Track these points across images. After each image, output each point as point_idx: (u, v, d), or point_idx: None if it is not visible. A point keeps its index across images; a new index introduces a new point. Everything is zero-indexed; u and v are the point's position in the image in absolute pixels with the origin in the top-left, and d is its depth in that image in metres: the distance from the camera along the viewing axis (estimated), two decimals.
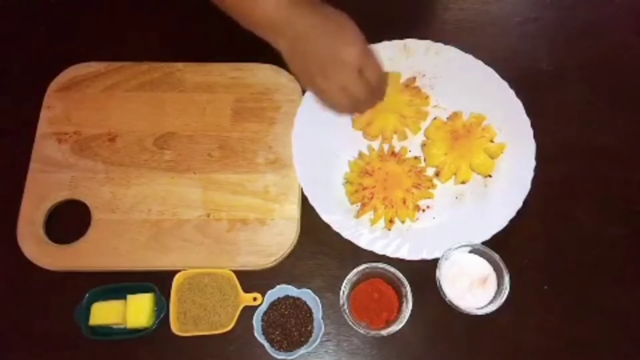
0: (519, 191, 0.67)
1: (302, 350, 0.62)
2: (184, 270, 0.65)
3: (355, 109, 0.64)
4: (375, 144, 0.71)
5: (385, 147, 0.71)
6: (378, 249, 0.65)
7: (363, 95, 0.59)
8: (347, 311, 0.61)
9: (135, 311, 0.62)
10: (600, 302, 0.66)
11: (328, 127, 0.71)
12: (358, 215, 0.67)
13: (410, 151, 0.71)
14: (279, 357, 0.61)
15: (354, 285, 0.64)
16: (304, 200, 0.68)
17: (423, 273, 0.64)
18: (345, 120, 0.72)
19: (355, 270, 0.62)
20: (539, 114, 0.71)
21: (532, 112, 0.71)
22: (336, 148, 0.71)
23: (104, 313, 0.63)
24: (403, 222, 0.67)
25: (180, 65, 0.75)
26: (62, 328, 0.63)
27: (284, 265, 0.67)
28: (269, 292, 0.64)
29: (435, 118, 0.72)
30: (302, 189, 0.68)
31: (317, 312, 0.63)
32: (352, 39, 0.57)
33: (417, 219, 0.68)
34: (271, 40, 0.60)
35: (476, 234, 0.66)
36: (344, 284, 0.62)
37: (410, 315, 0.61)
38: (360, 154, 0.70)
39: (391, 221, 0.67)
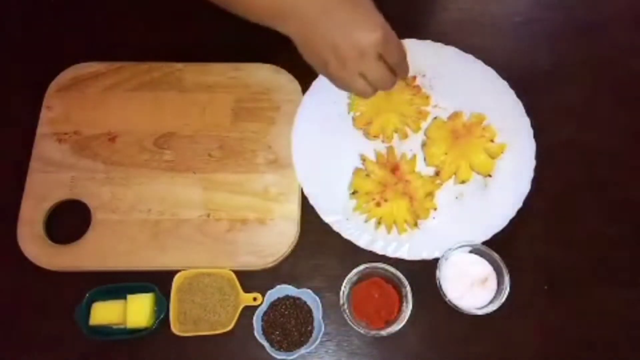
0: (519, 191, 0.68)
1: (302, 350, 0.62)
2: (184, 270, 0.65)
3: (377, 90, 0.59)
4: (375, 147, 0.71)
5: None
6: (378, 249, 0.65)
7: (384, 78, 0.55)
8: (347, 311, 0.61)
9: (135, 311, 0.62)
10: (600, 302, 0.66)
11: (328, 126, 0.71)
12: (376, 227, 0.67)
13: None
14: (279, 357, 0.61)
15: (354, 285, 0.64)
16: (304, 200, 0.68)
17: (423, 273, 0.64)
18: (346, 119, 0.72)
19: (355, 270, 0.62)
20: (539, 114, 0.71)
21: (532, 112, 0.71)
22: (336, 147, 0.71)
23: (104, 313, 0.63)
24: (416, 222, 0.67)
25: (180, 65, 0.75)
26: (62, 328, 0.63)
27: (284, 265, 0.67)
28: (269, 292, 0.64)
29: (435, 118, 0.72)
30: (302, 189, 0.68)
31: (317, 312, 0.63)
32: (371, 23, 0.52)
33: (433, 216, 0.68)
34: (276, 26, 0.55)
35: (476, 234, 0.66)
36: (344, 284, 0.62)
37: (410, 315, 0.61)
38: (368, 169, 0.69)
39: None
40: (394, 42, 0.55)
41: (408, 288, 0.62)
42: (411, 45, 0.74)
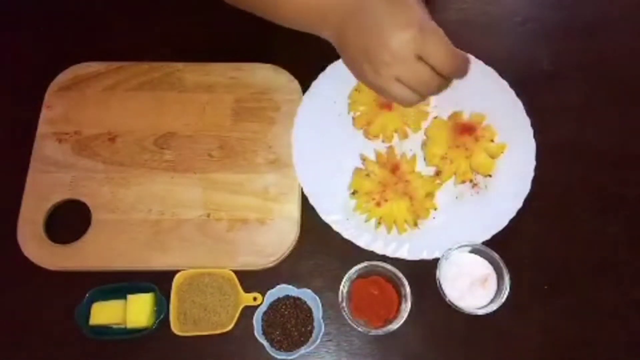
0: (519, 191, 0.67)
1: (302, 350, 0.62)
2: (184, 270, 0.65)
3: (424, 96, 0.52)
4: (375, 147, 0.71)
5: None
6: (378, 249, 0.65)
7: (427, 82, 0.49)
8: (346, 309, 0.61)
9: (135, 311, 0.62)
10: (600, 302, 0.66)
11: (328, 126, 0.71)
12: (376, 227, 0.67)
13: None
14: (279, 357, 0.62)
15: (354, 283, 0.64)
16: (304, 200, 0.68)
17: (423, 273, 0.64)
18: (346, 119, 0.72)
19: (355, 268, 0.63)
20: (539, 114, 0.71)
21: (532, 112, 0.71)
22: (336, 147, 0.71)
23: (104, 313, 0.63)
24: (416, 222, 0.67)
25: (180, 65, 0.75)
26: (62, 328, 0.63)
27: (284, 265, 0.67)
28: (269, 292, 0.64)
29: (435, 117, 0.72)
30: (302, 189, 0.68)
31: (317, 312, 0.63)
32: (404, 19, 0.46)
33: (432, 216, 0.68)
34: (313, 30, 0.51)
35: (476, 234, 0.66)
36: (343, 282, 0.62)
37: (410, 315, 0.61)
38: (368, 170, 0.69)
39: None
40: (433, 40, 0.48)
41: (407, 287, 0.62)
42: None
